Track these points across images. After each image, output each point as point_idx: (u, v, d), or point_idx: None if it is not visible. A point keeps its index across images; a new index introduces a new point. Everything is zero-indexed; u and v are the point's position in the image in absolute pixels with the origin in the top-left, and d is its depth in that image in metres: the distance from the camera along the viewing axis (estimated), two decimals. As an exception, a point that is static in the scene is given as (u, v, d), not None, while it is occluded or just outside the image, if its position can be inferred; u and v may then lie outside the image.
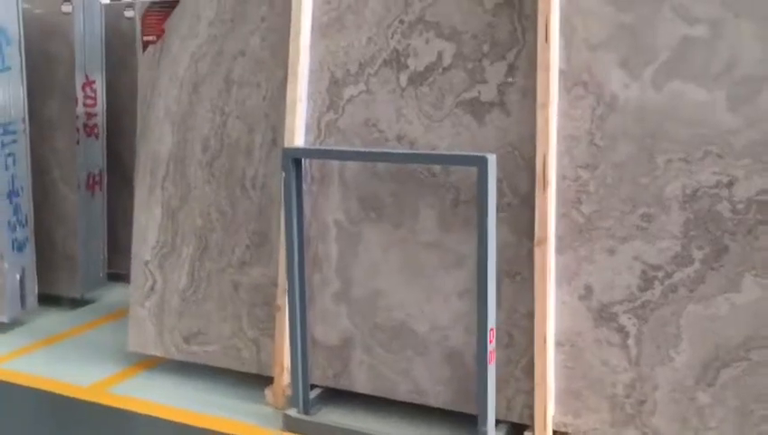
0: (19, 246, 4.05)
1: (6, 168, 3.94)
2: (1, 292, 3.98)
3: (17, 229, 4.03)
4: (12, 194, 3.99)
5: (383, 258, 2.98)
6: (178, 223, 3.38)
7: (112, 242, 4.69)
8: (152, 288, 3.46)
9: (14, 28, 3.94)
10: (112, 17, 4.62)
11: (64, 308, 4.43)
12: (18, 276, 4.04)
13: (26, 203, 4.09)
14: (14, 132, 3.97)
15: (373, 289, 3.01)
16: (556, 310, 2.70)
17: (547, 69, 2.57)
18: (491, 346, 2.64)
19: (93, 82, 4.42)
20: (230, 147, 3.26)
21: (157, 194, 3.42)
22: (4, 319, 4.00)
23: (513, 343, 2.78)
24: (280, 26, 3.11)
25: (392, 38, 2.89)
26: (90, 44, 4.37)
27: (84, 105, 4.37)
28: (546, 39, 2.55)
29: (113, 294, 4.69)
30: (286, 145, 3.04)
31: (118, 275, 4.79)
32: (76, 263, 4.40)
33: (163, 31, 3.29)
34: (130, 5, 4.71)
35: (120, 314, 4.37)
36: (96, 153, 4.49)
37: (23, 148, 4.05)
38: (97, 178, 4.50)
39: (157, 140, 3.39)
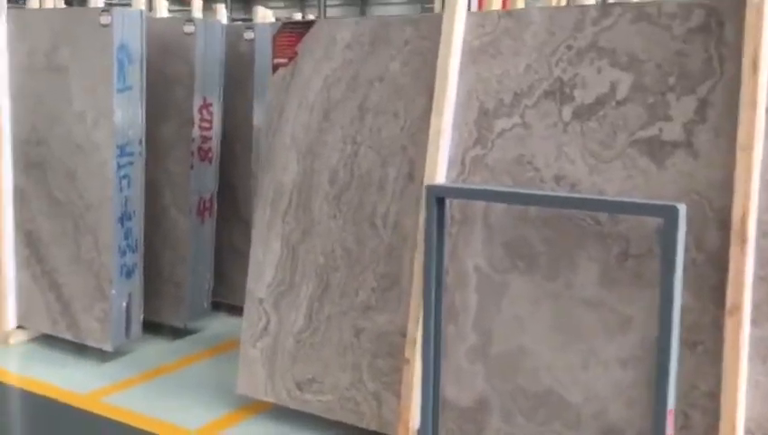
0: (128, 272, 3.89)
1: (121, 190, 3.80)
2: (106, 318, 3.82)
3: (127, 254, 3.88)
4: (124, 217, 3.84)
5: (531, 313, 2.62)
6: (298, 259, 3.12)
7: (216, 270, 4.50)
8: (266, 328, 3.20)
9: (137, 47, 3.82)
10: (231, 38, 4.48)
11: (167, 337, 4.25)
12: (125, 303, 3.88)
13: (138, 227, 3.94)
14: (130, 154, 3.84)
15: (517, 348, 2.65)
16: (747, 391, 2.27)
17: (753, 106, 2.17)
18: (669, 431, 2.23)
19: (210, 104, 4.27)
20: (360, 179, 2.99)
21: (277, 228, 3.17)
22: (108, 347, 3.84)
23: (690, 425, 2.35)
24: (424, 50, 2.84)
25: (556, 66, 2.56)
26: (209, 66, 4.23)
27: (200, 128, 4.22)
28: (754, 71, 2.16)
29: (216, 325, 4.48)
30: (426, 181, 2.74)
31: (219, 304, 4.60)
32: (183, 291, 4.22)
33: (295, 53, 3.06)
34: (250, 27, 4.56)
35: (224, 347, 4.15)
36: (208, 178, 4.32)
37: (138, 170, 3.91)
38: (207, 204, 4.32)
39: (281, 170, 3.15)
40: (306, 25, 3.07)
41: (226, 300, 4.65)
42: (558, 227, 2.55)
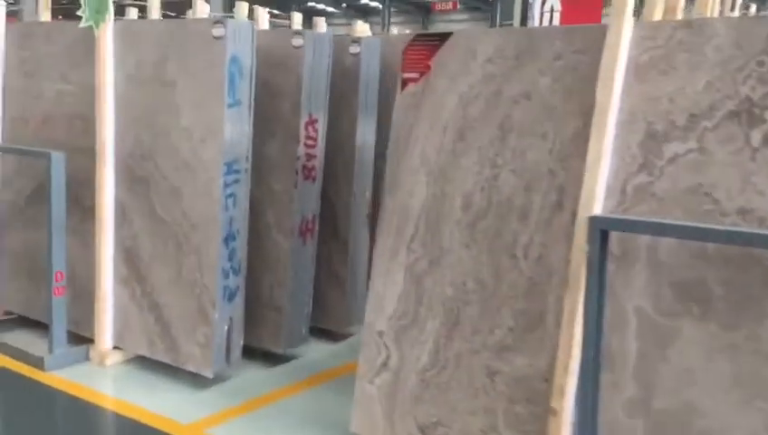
0: (230, 295, 3.71)
1: (226, 209, 3.63)
2: (208, 343, 3.64)
3: (230, 277, 3.69)
4: (229, 238, 3.66)
5: (704, 366, 2.30)
6: (424, 291, 2.86)
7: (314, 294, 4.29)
8: (385, 364, 2.95)
9: (248, 60, 3.65)
10: (336, 52, 4.28)
11: (265, 364, 4.04)
12: (226, 328, 3.69)
13: (242, 248, 3.76)
14: (237, 172, 3.66)
15: (685, 404, 2.33)
16: None
17: None
18: None
19: (316, 120, 4.07)
20: (500, 206, 2.72)
21: (401, 256, 2.92)
22: (209, 374, 3.65)
23: None
24: (579, 66, 2.56)
25: (744, 84, 2.25)
26: (316, 81, 4.04)
27: (305, 145, 4.02)
28: None
29: (314, 352, 4.26)
30: (582, 212, 2.45)
31: (314, 328, 4.38)
32: (282, 316, 4.01)
33: (428, 68, 2.83)
34: (356, 41, 4.36)
35: (324, 376, 3.93)
36: (312, 198, 4.11)
37: (244, 189, 3.73)
38: (310, 225, 4.12)
39: (407, 194, 2.91)
40: (441, 38, 2.82)
41: (323, 325, 4.44)
42: (742, 268, 2.22)
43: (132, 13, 4.71)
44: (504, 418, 2.69)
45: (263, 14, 4.79)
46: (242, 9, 4.40)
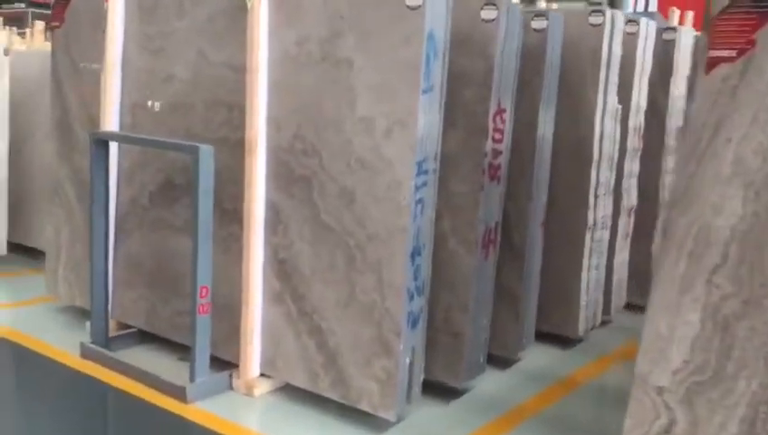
0: (413, 321, 3.08)
1: (414, 218, 2.98)
2: (389, 379, 3.01)
3: (414, 299, 3.06)
4: (415, 253, 3.02)
5: None
6: (734, 339, 2.19)
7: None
8: (668, 431, 2.29)
9: (442, 36, 3.00)
10: (517, 29, 3.60)
11: (439, 399, 3.40)
12: (408, 360, 3.06)
13: (426, 265, 3.12)
14: (426, 172, 3.02)
15: None
16: None
17: None
18: None
19: (504, 110, 3.40)
20: None
21: (697, 290, 2.25)
22: (390, 416, 3.03)
23: None
24: None
25: None
26: (507, 62, 3.37)
27: (492, 139, 3.36)
28: None
29: (488, 383, 3.62)
30: None
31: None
32: (461, 343, 3.37)
33: (751, 43, 2.13)
34: (541, 14, 3.68)
35: (513, 416, 3.29)
36: (496, 203, 3.46)
37: (431, 193, 3.09)
38: (492, 236, 3.46)
39: (711, 209, 2.22)
40: None
41: (491, 350, 3.79)
42: None
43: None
44: None
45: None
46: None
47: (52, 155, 4.37)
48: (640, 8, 11.92)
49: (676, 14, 5.16)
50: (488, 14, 3.28)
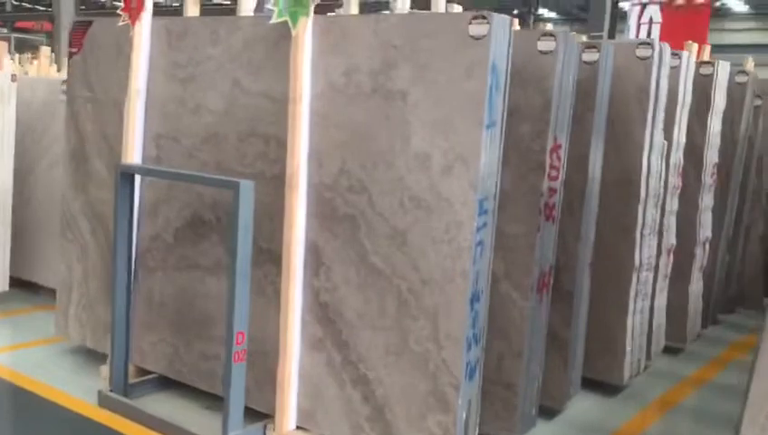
0: (470, 373, 2.85)
1: (475, 261, 2.77)
2: (444, 436, 2.78)
3: (472, 348, 2.84)
4: (474, 299, 2.81)
5: None
6: None
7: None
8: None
9: (504, 67, 2.82)
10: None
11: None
12: (465, 414, 2.83)
13: (484, 311, 2.91)
14: (486, 212, 2.82)
15: None
16: None
17: None
18: None
19: (560, 146, 3.23)
20: None
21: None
22: (447, 477, 2.78)
23: None
24: None
25: None
26: (563, 96, 3.20)
27: (548, 177, 3.18)
28: None
29: (538, 436, 3.40)
30: None
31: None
32: (516, 395, 3.15)
33: None
34: (593, 46, 3.52)
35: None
36: (551, 244, 3.26)
37: (490, 234, 2.88)
38: (546, 279, 3.26)
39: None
40: None
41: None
42: None
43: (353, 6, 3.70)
44: None
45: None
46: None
47: (65, 187, 4.12)
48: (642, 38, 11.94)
49: (693, 47, 4.84)
50: (546, 45, 3.12)
